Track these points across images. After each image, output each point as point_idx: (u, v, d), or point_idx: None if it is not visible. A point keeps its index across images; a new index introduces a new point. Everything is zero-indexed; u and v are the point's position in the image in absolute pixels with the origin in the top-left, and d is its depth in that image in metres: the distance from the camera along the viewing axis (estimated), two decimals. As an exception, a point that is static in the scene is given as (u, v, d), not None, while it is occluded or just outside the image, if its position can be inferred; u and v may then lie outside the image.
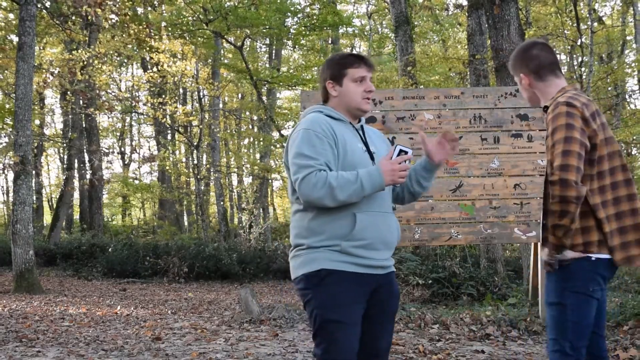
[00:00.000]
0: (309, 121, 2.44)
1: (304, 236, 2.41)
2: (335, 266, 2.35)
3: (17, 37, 11.45)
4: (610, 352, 4.86)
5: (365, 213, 2.39)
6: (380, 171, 2.33)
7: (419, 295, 8.38)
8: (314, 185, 2.30)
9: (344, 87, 2.50)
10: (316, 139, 2.37)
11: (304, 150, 2.36)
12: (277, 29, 16.27)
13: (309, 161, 2.34)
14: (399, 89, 7.46)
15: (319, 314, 2.36)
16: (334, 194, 2.29)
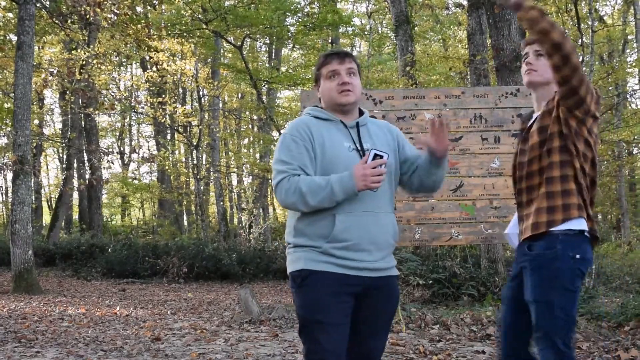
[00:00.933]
0: (290, 126, 2.49)
1: (292, 235, 2.45)
2: (316, 266, 2.35)
3: (16, 37, 11.42)
4: (612, 353, 4.84)
5: (347, 214, 2.36)
6: (353, 176, 2.31)
7: (419, 296, 8.36)
8: (286, 191, 2.35)
9: (321, 86, 2.52)
10: (292, 143, 2.40)
11: (281, 155, 2.41)
12: (277, 28, 16.25)
13: (283, 166, 2.39)
14: (399, 89, 7.44)
15: (301, 314, 2.38)
16: (305, 199, 2.32)
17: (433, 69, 17.53)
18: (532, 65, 2.60)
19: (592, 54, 9.68)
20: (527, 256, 2.47)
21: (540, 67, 2.58)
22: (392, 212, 2.51)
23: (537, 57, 2.60)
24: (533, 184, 2.51)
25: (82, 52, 14.75)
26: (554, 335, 2.40)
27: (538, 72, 2.60)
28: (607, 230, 21.61)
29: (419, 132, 5.91)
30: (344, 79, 2.46)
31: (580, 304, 6.51)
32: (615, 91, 18.68)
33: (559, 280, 2.39)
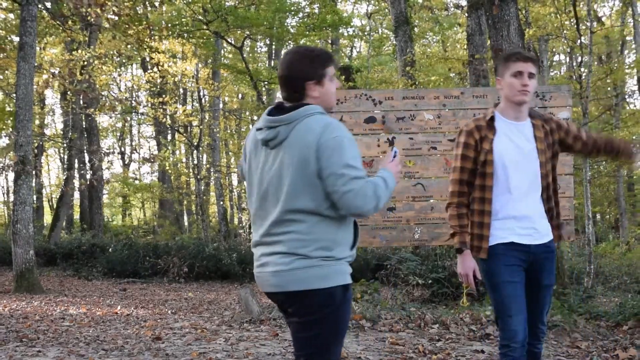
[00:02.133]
0: (342, 127, 2.31)
1: (331, 248, 2.29)
2: (349, 279, 2.36)
3: (18, 38, 11.45)
4: (610, 352, 4.88)
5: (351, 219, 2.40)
6: (393, 174, 2.40)
7: (418, 295, 8.39)
8: (367, 197, 2.22)
9: (326, 86, 2.37)
10: (355, 148, 2.29)
11: (351, 160, 2.24)
12: (277, 29, 16.28)
13: (358, 172, 2.24)
14: (399, 89, 7.48)
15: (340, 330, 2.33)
16: (379, 203, 2.27)
17: (432, 70, 17.56)
18: (528, 86, 2.84)
19: (590, 55, 9.70)
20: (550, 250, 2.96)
21: (532, 89, 2.87)
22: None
23: (530, 79, 2.85)
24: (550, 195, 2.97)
25: (83, 53, 14.78)
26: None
27: (530, 93, 2.87)
28: (606, 230, 21.64)
29: (418, 132, 5.95)
30: (339, 84, 2.48)
31: (579, 304, 6.54)
32: (614, 92, 18.71)
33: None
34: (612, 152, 3.05)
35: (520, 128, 2.90)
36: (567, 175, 5.92)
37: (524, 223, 2.87)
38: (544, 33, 14.67)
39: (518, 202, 2.87)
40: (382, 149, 5.90)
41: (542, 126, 2.93)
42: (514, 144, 2.87)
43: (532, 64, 2.86)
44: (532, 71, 2.85)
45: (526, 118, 2.93)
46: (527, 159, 2.87)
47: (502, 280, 2.85)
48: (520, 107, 2.89)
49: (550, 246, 2.93)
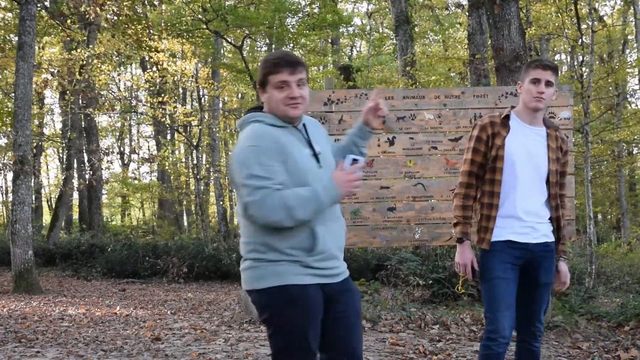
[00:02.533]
0: (254, 136, 2.30)
1: (261, 251, 2.32)
2: (299, 280, 2.29)
3: (17, 37, 11.42)
4: (611, 353, 4.85)
5: (322, 224, 2.33)
6: (335, 185, 2.28)
7: (419, 296, 8.36)
8: (270, 208, 2.21)
9: (268, 94, 2.36)
10: (264, 157, 2.24)
11: (253, 170, 2.23)
12: (277, 29, 16.25)
13: (262, 182, 2.22)
14: (399, 89, 7.45)
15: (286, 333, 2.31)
16: (292, 214, 2.21)
17: (433, 69, 17.53)
18: (544, 94, 2.94)
19: (591, 54, 9.66)
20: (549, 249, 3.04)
21: (548, 97, 2.96)
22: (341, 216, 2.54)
23: (547, 87, 2.95)
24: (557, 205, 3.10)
25: (82, 52, 14.75)
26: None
27: (545, 101, 2.97)
28: (607, 230, 21.61)
29: (418, 132, 5.92)
30: (295, 93, 2.33)
31: (580, 304, 6.51)
32: (615, 91, 18.67)
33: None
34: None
35: (535, 133, 3.01)
36: (569, 175, 5.87)
37: (524, 222, 2.95)
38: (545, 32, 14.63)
39: (521, 201, 2.95)
40: (382, 148, 5.87)
41: (555, 138, 3.06)
42: (525, 145, 2.97)
43: (552, 72, 2.96)
44: (551, 79, 2.94)
45: (541, 125, 3.03)
46: (537, 163, 2.97)
47: (495, 276, 2.93)
48: (535, 113, 2.99)
49: (549, 245, 3.00)
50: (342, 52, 24.21)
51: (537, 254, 2.97)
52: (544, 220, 3.00)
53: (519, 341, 3.09)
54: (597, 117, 17.04)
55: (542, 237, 2.98)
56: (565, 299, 6.59)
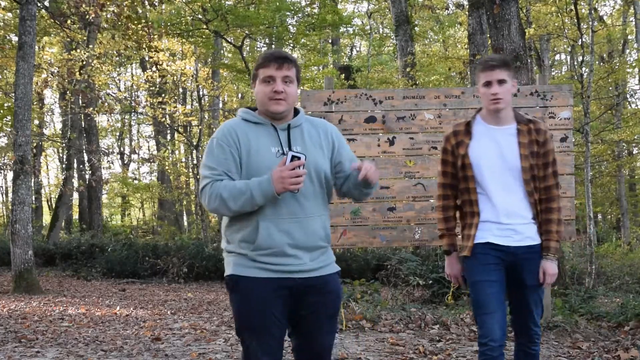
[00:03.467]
0: (219, 130, 2.48)
1: (225, 241, 2.49)
2: (244, 272, 2.39)
3: (17, 37, 11.42)
4: (611, 353, 4.85)
5: (270, 220, 2.36)
6: (270, 180, 2.29)
7: (419, 296, 8.36)
8: (209, 196, 2.37)
9: (256, 88, 2.48)
10: (217, 149, 2.41)
11: (207, 160, 2.43)
12: (277, 28, 16.25)
13: (208, 171, 2.40)
14: (399, 89, 7.44)
15: (235, 318, 2.46)
16: (227, 204, 2.34)
17: (433, 69, 17.53)
18: (498, 94, 2.88)
19: (592, 54, 9.66)
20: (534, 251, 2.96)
21: (504, 95, 2.89)
22: (322, 215, 2.48)
23: (500, 85, 2.88)
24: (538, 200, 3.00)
25: (82, 53, 14.75)
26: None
27: (503, 100, 2.90)
28: (607, 230, 21.61)
29: (419, 132, 5.92)
30: (278, 88, 2.39)
31: (580, 304, 6.51)
32: (615, 91, 18.68)
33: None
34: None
35: (503, 132, 2.95)
36: (568, 175, 5.88)
37: (505, 224, 2.91)
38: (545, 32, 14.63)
39: (499, 204, 2.92)
40: (382, 148, 5.86)
41: (528, 132, 2.94)
42: (492, 148, 2.93)
43: (500, 69, 2.87)
44: (501, 77, 2.87)
45: (510, 123, 2.96)
46: (506, 163, 2.90)
47: (479, 279, 2.90)
48: (498, 114, 2.95)
49: (533, 247, 2.92)
50: (342, 52, 24.20)
51: (519, 256, 2.90)
52: (526, 221, 2.92)
53: (517, 344, 3.05)
54: (597, 117, 17.04)
55: (525, 239, 2.91)
56: (565, 299, 6.58)
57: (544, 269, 2.91)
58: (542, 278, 2.91)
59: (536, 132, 2.95)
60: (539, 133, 2.95)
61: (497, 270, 2.90)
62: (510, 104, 2.98)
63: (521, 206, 2.91)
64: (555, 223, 2.92)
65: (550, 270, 2.90)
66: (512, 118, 2.97)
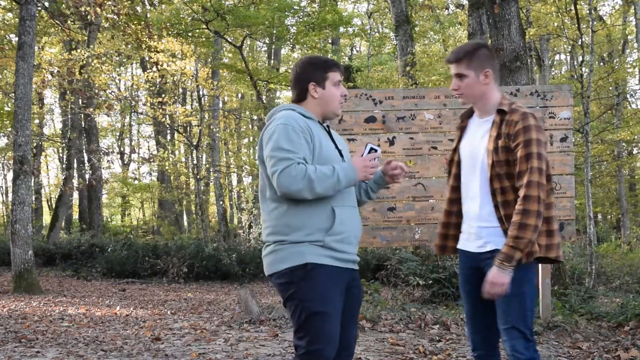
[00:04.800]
0: (285, 117, 2.52)
1: (284, 233, 2.49)
2: (320, 260, 2.46)
3: (17, 37, 11.42)
4: (612, 353, 4.84)
5: (341, 207, 2.53)
6: (354, 167, 2.50)
7: (419, 296, 8.35)
8: (293, 177, 2.39)
9: (326, 89, 2.61)
10: (294, 134, 2.46)
11: (282, 144, 2.44)
12: (277, 28, 16.25)
13: (287, 154, 2.42)
14: (399, 89, 7.44)
15: (307, 306, 2.46)
16: (312, 186, 2.39)
17: (433, 69, 17.53)
18: (458, 89, 2.73)
19: (591, 54, 9.66)
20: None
21: (465, 89, 2.71)
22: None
23: (460, 80, 2.71)
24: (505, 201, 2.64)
25: (82, 52, 14.75)
26: (524, 326, 2.62)
27: (465, 94, 2.73)
28: (607, 230, 21.61)
29: (419, 132, 5.91)
30: (345, 92, 2.65)
31: (580, 304, 6.51)
32: (615, 91, 18.68)
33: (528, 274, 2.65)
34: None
35: (483, 125, 2.73)
36: (568, 175, 5.88)
37: (470, 227, 2.73)
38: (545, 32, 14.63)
39: (466, 205, 2.76)
40: (382, 148, 5.86)
41: (499, 124, 2.64)
42: (472, 143, 2.75)
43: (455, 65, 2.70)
44: (458, 71, 2.69)
45: (491, 114, 2.70)
46: (475, 158, 2.70)
47: (460, 288, 2.85)
48: (476, 106, 2.77)
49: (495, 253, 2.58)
50: (342, 52, 24.19)
51: (481, 262, 2.65)
52: (491, 224, 2.63)
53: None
54: (597, 117, 17.05)
55: (488, 244, 2.64)
56: (565, 299, 6.59)
57: (488, 277, 2.54)
58: (486, 287, 2.55)
59: (507, 123, 2.60)
60: (509, 124, 2.59)
61: (471, 279, 2.73)
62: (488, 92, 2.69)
63: (488, 209, 2.64)
64: (516, 227, 2.49)
65: (491, 278, 2.52)
66: (494, 108, 2.70)
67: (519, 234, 2.49)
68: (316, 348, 2.44)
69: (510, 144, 2.57)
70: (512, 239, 2.50)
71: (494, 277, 2.52)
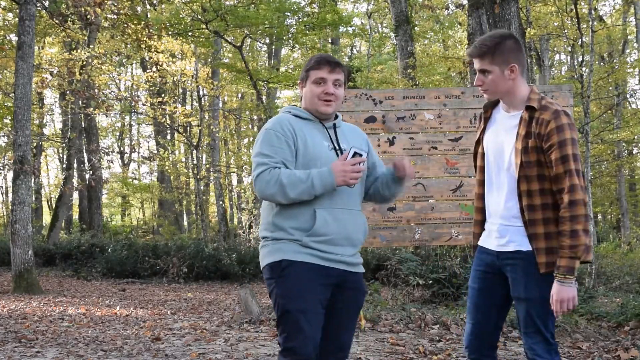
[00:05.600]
0: (272, 121, 2.57)
1: (270, 230, 2.55)
2: (296, 257, 2.47)
3: (17, 37, 11.42)
4: (612, 353, 4.85)
5: (326, 210, 2.49)
6: (332, 171, 2.43)
7: (419, 296, 8.35)
8: (267, 182, 2.43)
9: (306, 88, 2.62)
10: (274, 138, 2.49)
11: (262, 149, 2.50)
12: (277, 28, 16.25)
13: (264, 159, 2.47)
14: (399, 89, 7.44)
15: (281, 302, 2.47)
16: (284, 191, 2.41)
17: (433, 69, 17.53)
18: (482, 85, 2.60)
19: (592, 54, 9.66)
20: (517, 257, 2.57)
21: (490, 85, 2.58)
22: (362, 211, 2.68)
23: (485, 76, 2.58)
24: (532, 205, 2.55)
25: (82, 53, 14.75)
26: (546, 329, 2.51)
27: (490, 90, 2.60)
28: (607, 230, 21.61)
29: (419, 132, 5.91)
30: (329, 90, 2.56)
31: (580, 304, 6.51)
32: (615, 91, 18.68)
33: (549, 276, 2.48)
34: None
35: (509, 120, 2.59)
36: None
37: (493, 225, 2.63)
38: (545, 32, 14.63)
39: (490, 200, 2.65)
40: (382, 148, 5.86)
41: (530, 121, 2.49)
42: (497, 136, 2.62)
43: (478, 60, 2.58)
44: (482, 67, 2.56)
45: (519, 109, 2.55)
46: (502, 155, 2.58)
47: (469, 284, 2.73)
48: (503, 100, 2.62)
49: (519, 253, 2.51)
50: (342, 52, 24.20)
51: (503, 262, 2.56)
52: (514, 224, 2.53)
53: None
54: (597, 117, 17.05)
55: (510, 244, 2.53)
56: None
57: (554, 295, 2.43)
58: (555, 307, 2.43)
59: (537, 121, 2.46)
60: (539, 124, 2.45)
61: (483, 277, 2.64)
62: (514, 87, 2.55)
63: (511, 207, 2.54)
64: (567, 235, 2.38)
65: (557, 295, 2.41)
66: (522, 103, 2.54)
67: (574, 242, 2.38)
68: (292, 345, 2.44)
69: (543, 144, 2.43)
70: (568, 249, 2.38)
71: (561, 293, 2.40)
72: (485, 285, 2.64)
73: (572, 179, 2.39)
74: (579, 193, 2.38)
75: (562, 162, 2.40)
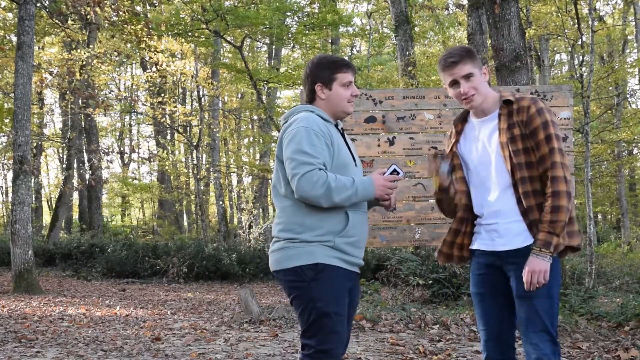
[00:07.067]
0: (306, 119, 2.52)
1: (297, 231, 2.50)
2: (329, 261, 2.49)
3: (16, 37, 11.42)
4: (611, 353, 4.84)
5: (355, 212, 2.56)
6: (373, 184, 2.50)
7: (419, 296, 8.36)
8: (314, 183, 2.39)
9: (333, 90, 2.62)
10: (315, 138, 2.46)
11: (304, 147, 2.44)
12: (277, 28, 16.24)
13: (310, 159, 2.42)
14: (399, 89, 7.43)
15: (319, 306, 2.47)
16: (330, 195, 2.41)
17: (433, 69, 17.52)
18: (468, 92, 2.57)
19: (592, 54, 9.66)
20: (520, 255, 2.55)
21: (476, 88, 2.57)
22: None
23: (467, 81, 2.57)
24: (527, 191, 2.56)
25: (82, 52, 14.75)
26: (552, 328, 2.52)
27: (477, 94, 2.58)
28: (607, 230, 21.61)
29: (419, 132, 5.91)
30: (356, 92, 2.66)
31: (580, 304, 6.51)
32: (615, 91, 18.68)
33: (556, 276, 2.52)
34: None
35: (486, 123, 2.62)
36: (569, 175, 5.88)
37: (488, 226, 2.61)
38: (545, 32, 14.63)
39: (479, 204, 2.64)
40: (382, 148, 5.86)
41: (508, 115, 2.56)
42: (476, 143, 2.64)
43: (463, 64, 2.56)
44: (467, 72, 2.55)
45: (492, 112, 2.61)
46: (487, 155, 2.59)
47: (472, 291, 2.70)
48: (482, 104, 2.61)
49: (522, 251, 2.50)
50: (342, 52, 24.19)
51: (506, 260, 2.55)
52: (512, 219, 2.54)
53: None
54: (597, 117, 17.04)
55: (510, 242, 2.54)
56: (565, 299, 6.58)
57: (526, 267, 2.45)
58: (525, 278, 2.44)
59: (517, 111, 2.54)
60: (520, 112, 2.53)
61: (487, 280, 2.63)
62: (489, 90, 2.62)
63: (506, 203, 2.55)
64: (548, 211, 2.43)
65: (529, 266, 2.43)
66: (495, 104, 2.61)
67: (553, 217, 2.42)
68: (327, 347, 2.47)
69: (526, 130, 2.51)
70: (547, 224, 2.43)
71: (532, 264, 2.43)
72: (489, 288, 2.63)
73: (555, 156, 2.48)
74: (560, 169, 2.46)
75: (547, 141, 2.49)
